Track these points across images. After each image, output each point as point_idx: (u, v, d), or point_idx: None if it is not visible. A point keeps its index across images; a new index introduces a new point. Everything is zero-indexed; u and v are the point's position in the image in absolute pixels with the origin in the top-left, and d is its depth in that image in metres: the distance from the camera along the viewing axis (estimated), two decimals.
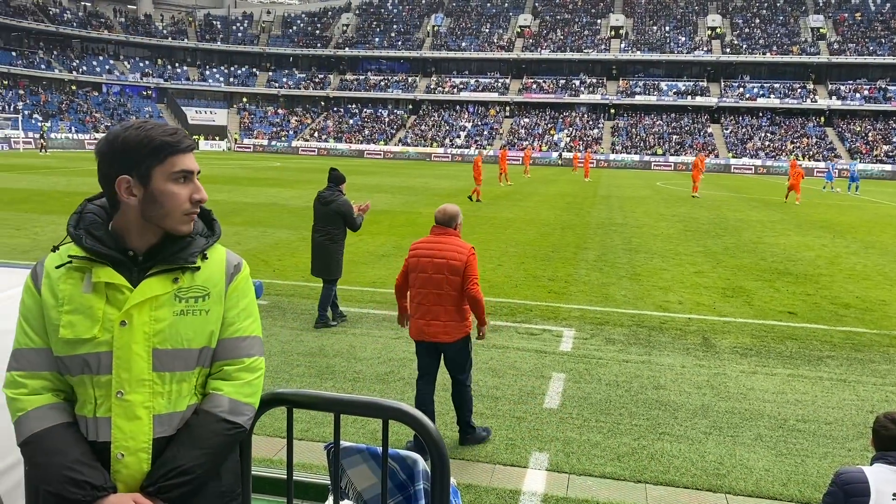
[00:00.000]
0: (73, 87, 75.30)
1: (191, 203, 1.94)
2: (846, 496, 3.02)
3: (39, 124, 63.94)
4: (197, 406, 1.95)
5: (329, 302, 8.61)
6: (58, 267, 1.91)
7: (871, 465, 3.11)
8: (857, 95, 71.47)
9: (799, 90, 73.53)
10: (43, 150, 54.42)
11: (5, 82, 70.20)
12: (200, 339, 1.93)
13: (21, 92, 69.77)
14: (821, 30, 76.91)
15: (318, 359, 7.32)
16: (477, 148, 70.23)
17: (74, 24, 79.13)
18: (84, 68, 77.43)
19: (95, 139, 66.29)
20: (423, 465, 3.44)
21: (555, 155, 68.72)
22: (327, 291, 8.57)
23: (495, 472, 5.03)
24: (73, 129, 67.30)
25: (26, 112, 65.17)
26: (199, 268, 1.95)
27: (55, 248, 1.95)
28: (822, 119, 72.00)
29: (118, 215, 1.94)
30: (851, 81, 73.29)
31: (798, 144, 68.45)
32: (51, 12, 77.90)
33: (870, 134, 68.37)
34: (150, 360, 1.88)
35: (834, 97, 72.06)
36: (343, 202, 8.54)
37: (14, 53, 72.46)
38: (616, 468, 5.11)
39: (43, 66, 73.94)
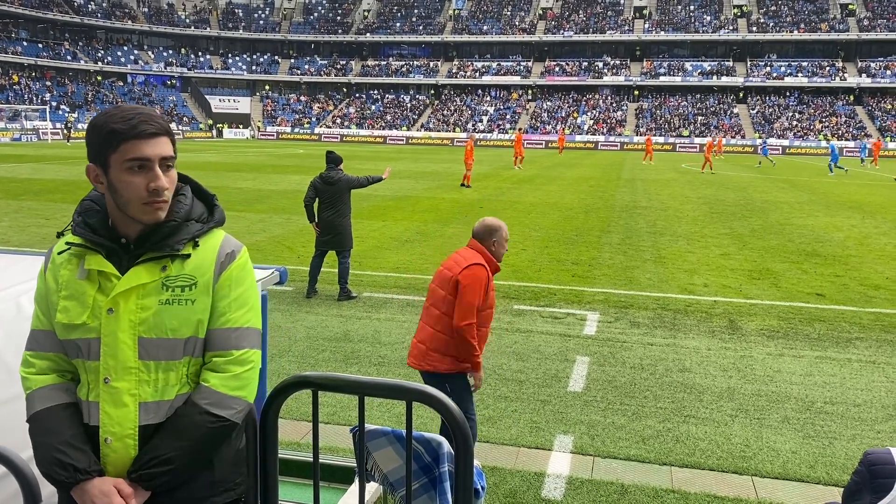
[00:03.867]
0: (99, 78, 76.14)
1: (147, 192, 1.87)
2: (872, 477, 2.98)
3: (66, 115, 64.80)
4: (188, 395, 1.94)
5: (348, 274, 9.28)
6: (59, 253, 1.96)
7: None
8: (888, 72, 69.93)
9: (828, 68, 72.13)
10: (69, 141, 55.17)
11: (33, 74, 71.14)
12: (186, 330, 1.90)
13: (48, 83, 70.68)
14: (850, 6, 75.22)
15: (343, 344, 7.38)
16: (499, 131, 69.96)
17: (99, 14, 79.87)
18: (109, 59, 78.24)
19: None
20: (447, 447, 3.47)
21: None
22: (344, 263, 9.24)
23: (520, 454, 5.05)
24: None
25: (53, 103, 66.04)
26: (188, 255, 1.92)
27: (59, 235, 2.00)
28: (852, 97, 70.62)
29: (107, 202, 1.95)
30: (882, 58, 71.70)
31: (827, 123, 67.25)
32: (75, 3, 78.68)
33: None
34: (136, 349, 1.88)
35: (864, 75, 70.58)
36: (347, 177, 9.39)
37: (40, 45, 73.37)
38: (641, 450, 5.11)
39: (69, 58, 74.81)
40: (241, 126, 77.33)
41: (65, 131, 56.72)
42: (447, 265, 4.37)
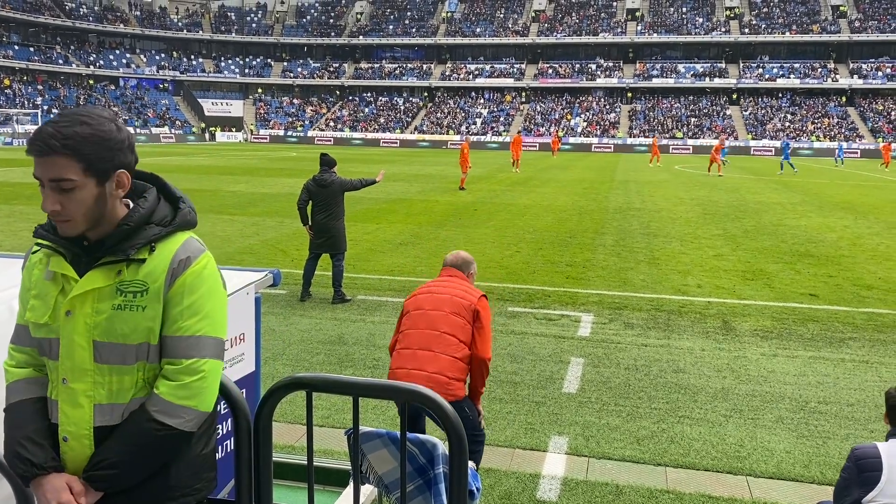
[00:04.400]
0: (91, 82, 75.94)
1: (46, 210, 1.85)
2: (859, 471, 3.01)
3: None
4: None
5: (342, 277, 9.27)
6: (33, 252, 2.00)
7: (887, 440, 3.10)
8: (880, 74, 70.31)
9: (819, 70, 72.48)
10: None
11: (24, 78, 70.90)
12: (137, 336, 1.88)
13: (40, 87, 70.46)
14: (841, 7, 75.64)
15: (338, 347, 7.37)
16: (492, 133, 70.06)
17: (90, 18, 79.67)
18: (101, 62, 78.05)
19: None
20: (442, 448, 3.47)
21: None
22: (338, 266, 9.24)
23: (515, 455, 5.05)
24: None
25: (45, 107, 65.82)
26: (143, 261, 1.90)
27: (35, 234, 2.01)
28: (844, 99, 70.95)
29: None
30: (873, 59, 72.09)
31: (819, 125, 67.56)
32: (67, 7, 78.46)
33: (892, 113, 67.30)
34: (91, 352, 1.88)
35: (855, 76, 70.95)
36: (341, 179, 9.34)
37: (32, 49, 73.16)
38: (635, 451, 5.11)
39: (60, 62, 74.61)
40: (233, 129, 77.22)
41: None
42: (445, 291, 4.20)
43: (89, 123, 1.82)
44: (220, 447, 3.12)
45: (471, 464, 3.56)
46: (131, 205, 1.97)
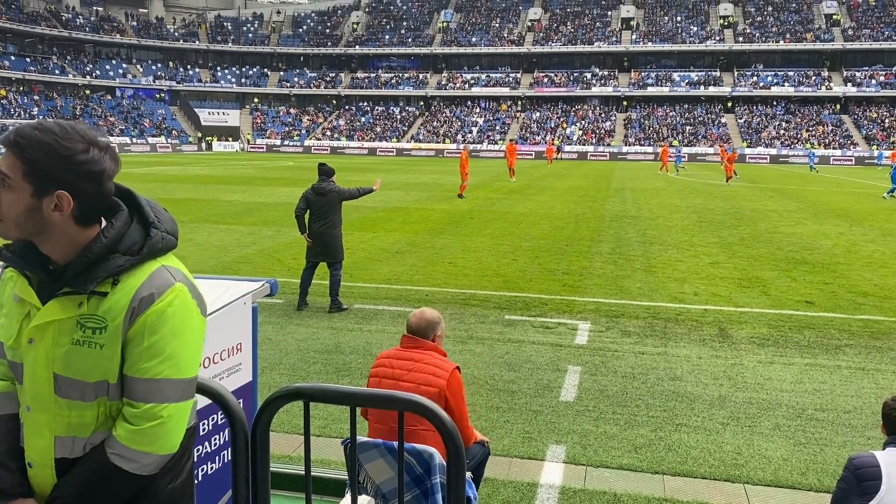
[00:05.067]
0: (87, 92, 75.97)
1: None
2: (858, 480, 3.01)
3: None
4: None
5: (339, 286, 9.27)
6: (4, 268, 1.91)
7: (884, 449, 3.10)
8: (873, 82, 70.69)
9: (814, 78, 72.84)
10: None
11: (21, 88, 70.92)
12: (95, 374, 1.78)
13: (36, 97, 70.48)
14: (835, 16, 76.11)
15: (335, 356, 7.36)
16: (489, 142, 70.22)
17: (87, 28, 79.79)
18: (97, 72, 78.12)
19: (111, 143, 66.88)
20: (439, 458, 3.47)
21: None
22: (336, 276, 9.25)
23: (512, 465, 5.04)
24: None
25: (41, 117, 65.82)
26: (105, 294, 1.77)
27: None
28: (838, 106, 71.29)
29: None
30: (867, 67, 72.49)
31: (814, 132, 67.83)
32: (63, 18, 78.56)
33: (886, 120, 67.63)
34: (52, 384, 1.79)
35: (849, 84, 71.31)
36: (339, 188, 9.40)
37: (28, 59, 73.21)
38: (633, 460, 5.11)
39: (57, 72, 74.65)
40: (230, 139, 77.28)
41: None
42: (410, 376, 3.66)
43: (56, 134, 1.73)
44: (216, 458, 3.11)
45: (468, 473, 3.56)
46: (104, 224, 1.85)
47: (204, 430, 2.98)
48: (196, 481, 2.94)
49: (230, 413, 1.93)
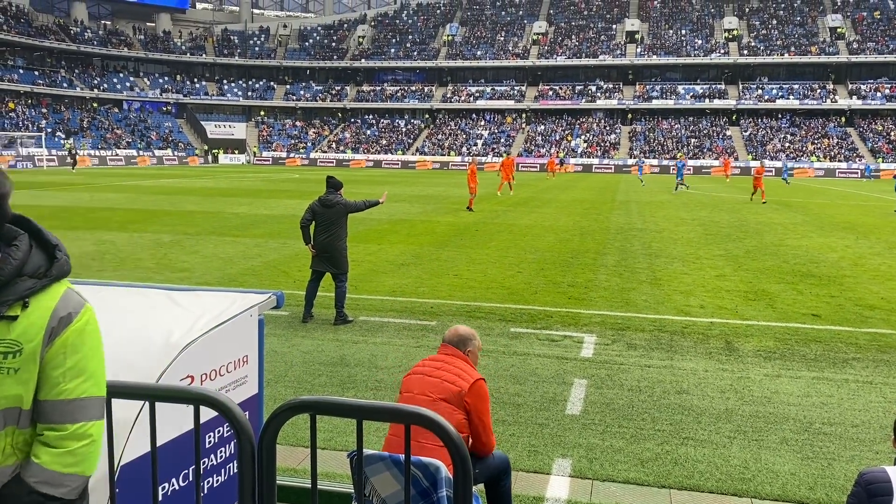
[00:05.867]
0: (95, 105, 76.42)
1: None
2: (869, 496, 2.98)
3: (62, 142, 64.96)
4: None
5: (344, 298, 9.27)
6: None
7: (895, 464, 3.08)
8: (879, 94, 70.64)
9: (819, 91, 72.84)
10: (74, 168, 55.02)
11: (29, 101, 71.41)
12: (5, 401, 1.72)
13: (44, 110, 70.92)
14: (839, 29, 76.18)
15: (340, 368, 7.36)
16: (493, 155, 70.36)
17: (95, 42, 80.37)
18: (105, 86, 78.62)
19: (117, 156, 67.23)
20: (445, 472, 3.46)
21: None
22: (341, 287, 9.24)
23: (518, 478, 5.02)
24: (97, 145, 68.36)
25: (48, 130, 66.22)
26: (15, 318, 1.72)
27: None
28: (843, 119, 71.24)
29: None
30: (872, 80, 72.47)
31: (819, 145, 67.76)
32: (72, 31, 79.18)
33: (892, 133, 67.53)
34: None
35: (854, 97, 71.27)
36: (346, 201, 9.44)
37: (36, 73, 73.73)
38: (640, 473, 5.08)
39: (65, 85, 75.16)
40: (236, 151, 77.59)
41: (69, 159, 56.70)
42: (436, 373, 3.91)
43: None
44: (222, 470, 3.11)
45: (474, 487, 3.55)
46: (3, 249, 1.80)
47: (210, 442, 2.97)
48: (202, 494, 2.94)
49: (238, 426, 1.93)
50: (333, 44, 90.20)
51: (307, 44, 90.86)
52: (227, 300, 3.20)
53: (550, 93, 79.93)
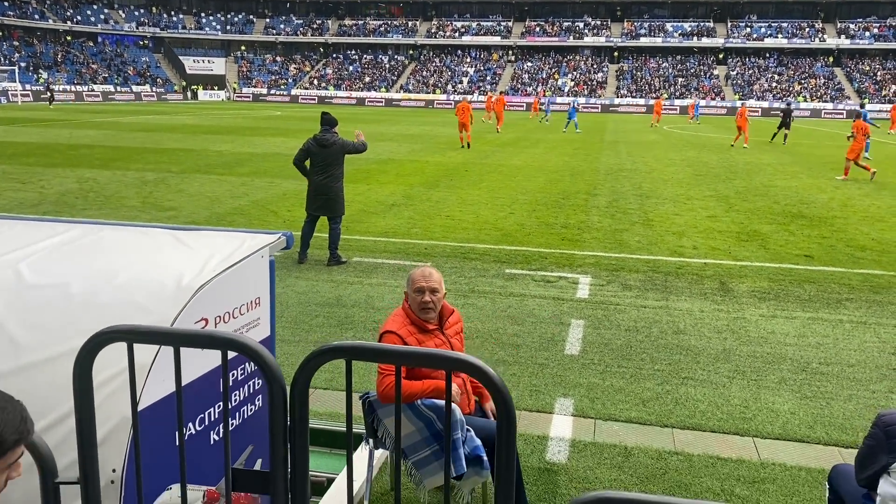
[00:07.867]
0: (69, 38, 74.05)
1: None
2: (887, 437, 3.01)
3: (34, 77, 63.14)
4: None
5: (339, 239, 9.11)
6: None
7: None
8: (867, 34, 70.09)
9: (807, 29, 72.12)
10: (51, 104, 53.85)
11: (0, 34, 69.05)
12: None
13: (16, 43, 68.65)
14: None
15: (336, 309, 7.31)
16: (479, 93, 69.40)
17: None
18: (78, 18, 76.01)
19: (94, 91, 65.52)
20: (460, 414, 3.44)
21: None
22: (336, 229, 9.06)
23: (521, 418, 5.04)
24: (73, 80, 66.47)
25: (22, 64, 64.23)
26: None
27: None
28: (831, 59, 70.78)
29: None
30: (861, 19, 71.77)
31: (806, 85, 67.44)
32: None
33: (878, 73, 67.29)
34: None
35: (843, 36, 70.69)
36: (343, 140, 9.11)
37: (6, 3, 71.05)
38: (641, 413, 5.12)
39: (37, 17, 72.58)
40: (216, 87, 75.91)
41: (46, 93, 55.39)
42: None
43: None
44: (237, 414, 3.06)
45: (473, 435, 3.53)
46: None
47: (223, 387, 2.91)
48: (216, 438, 2.89)
49: (267, 371, 1.86)
50: None
51: None
52: (237, 240, 3.09)
53: (538, 29, 78.49)
